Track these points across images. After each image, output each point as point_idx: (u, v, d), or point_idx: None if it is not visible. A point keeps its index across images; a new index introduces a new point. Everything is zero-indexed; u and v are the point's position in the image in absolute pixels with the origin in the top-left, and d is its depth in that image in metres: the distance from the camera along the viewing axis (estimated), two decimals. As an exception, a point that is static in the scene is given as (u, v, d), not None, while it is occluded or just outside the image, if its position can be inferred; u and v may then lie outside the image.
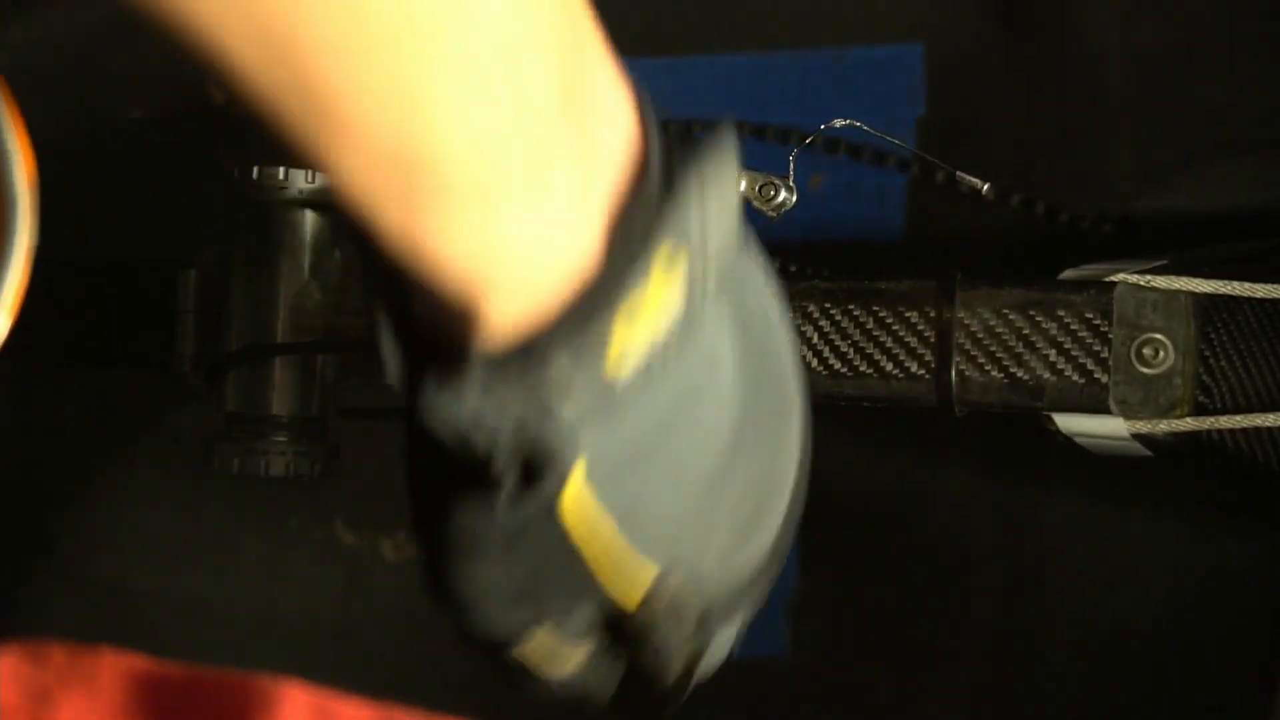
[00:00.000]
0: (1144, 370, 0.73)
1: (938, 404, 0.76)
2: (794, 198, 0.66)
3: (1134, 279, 0.73)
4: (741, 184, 0.65)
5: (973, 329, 0.75)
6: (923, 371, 0.75)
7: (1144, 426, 0.73)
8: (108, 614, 1.00)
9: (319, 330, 0.84)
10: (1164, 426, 0.72)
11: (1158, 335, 0.73)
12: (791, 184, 0.66)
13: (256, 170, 0.83)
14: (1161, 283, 0.73)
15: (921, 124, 0.88)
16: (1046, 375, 0.74)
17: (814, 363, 0.77)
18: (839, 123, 0.70)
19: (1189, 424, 0.72)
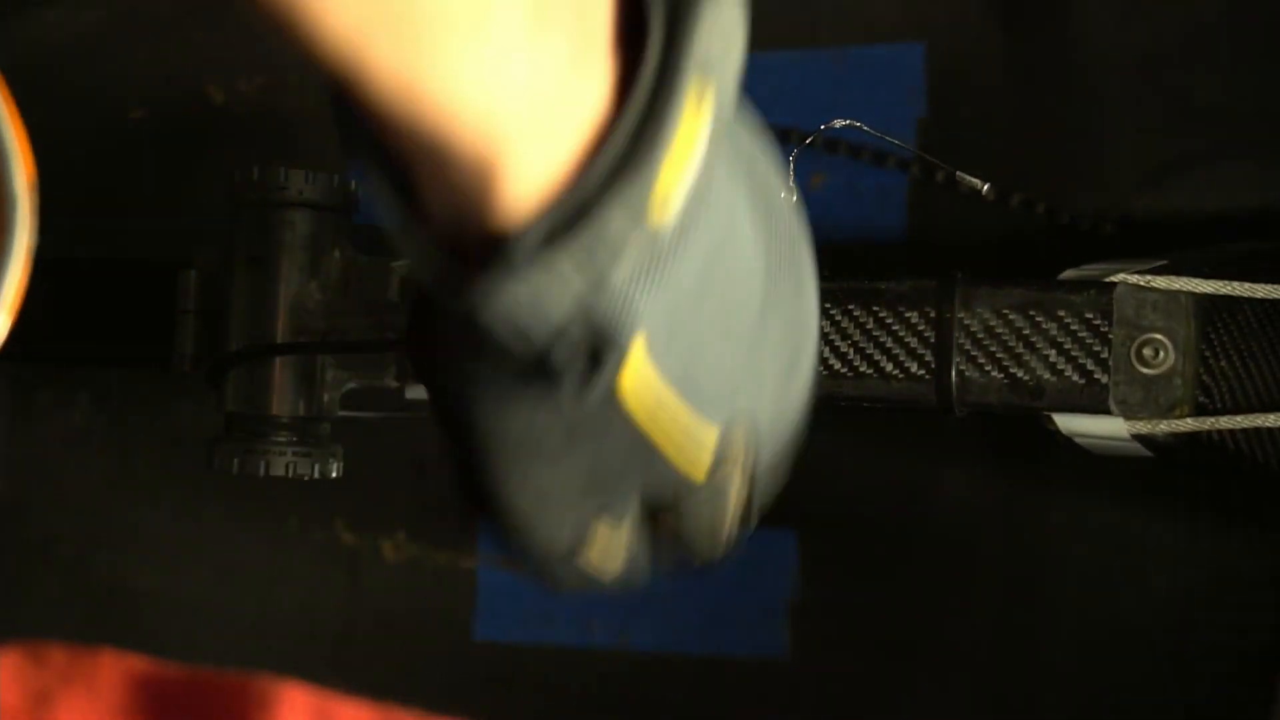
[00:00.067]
0: (1144, 370, 0.73)
1: (938, 404, 0.75)
2: (794, 198, 0.66)
3: (1134, 279, 0.73)
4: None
5: (973, 329, 0.75)
6: (923, 372, 0.75)
7: (1144, 427, 0.73)
8: (108, 614, 1.00)
9: (319, 330, 0.84)
10: (1164, 427, 0.72)
11: (1158, 335, 0.73)
12: (792, 184, 0.66)
13: (256, 170, 0.83)
14: (1161, 283, 0.72)
15: (921, 124, 0.88)
16: (1046, 375, 0.74)
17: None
18: (839, 123, 0.71)
19: (1189, 424, 0.72)
